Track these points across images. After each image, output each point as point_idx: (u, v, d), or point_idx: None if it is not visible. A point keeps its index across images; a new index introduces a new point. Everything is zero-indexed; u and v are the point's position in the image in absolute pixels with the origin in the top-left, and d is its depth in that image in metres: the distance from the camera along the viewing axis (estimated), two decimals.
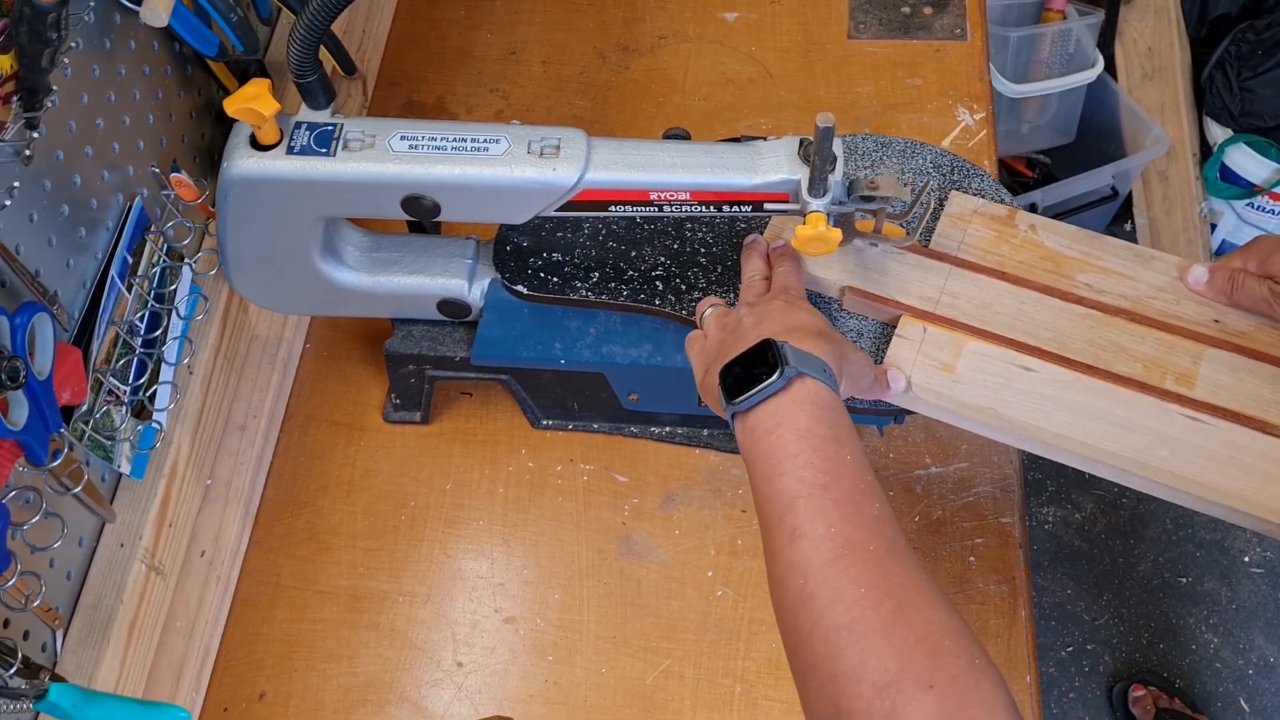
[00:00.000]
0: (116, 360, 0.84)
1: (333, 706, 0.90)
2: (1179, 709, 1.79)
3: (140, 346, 0.87)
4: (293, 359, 1.06)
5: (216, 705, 0.91)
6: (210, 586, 0.92)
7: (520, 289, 0.90)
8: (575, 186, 0.77)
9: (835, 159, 0.75)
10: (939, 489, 0.95)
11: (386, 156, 0.76)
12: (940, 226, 0.86)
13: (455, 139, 0.77)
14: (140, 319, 0.88)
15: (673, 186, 0.78)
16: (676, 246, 0.91)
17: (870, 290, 0.83)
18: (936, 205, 0.88)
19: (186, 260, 0.94)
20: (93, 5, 0.82)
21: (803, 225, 0.75)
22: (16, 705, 0.70)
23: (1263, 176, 1.97)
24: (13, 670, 0.69)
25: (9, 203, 0.73)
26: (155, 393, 0.90)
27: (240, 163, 0.76)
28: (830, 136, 0.71)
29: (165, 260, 0.91)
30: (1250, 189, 1.99)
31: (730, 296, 0.87)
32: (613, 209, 0.80)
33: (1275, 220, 2.02)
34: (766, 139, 0.79)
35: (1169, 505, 0.75)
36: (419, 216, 0.80)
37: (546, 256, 0.91)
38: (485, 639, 0.92)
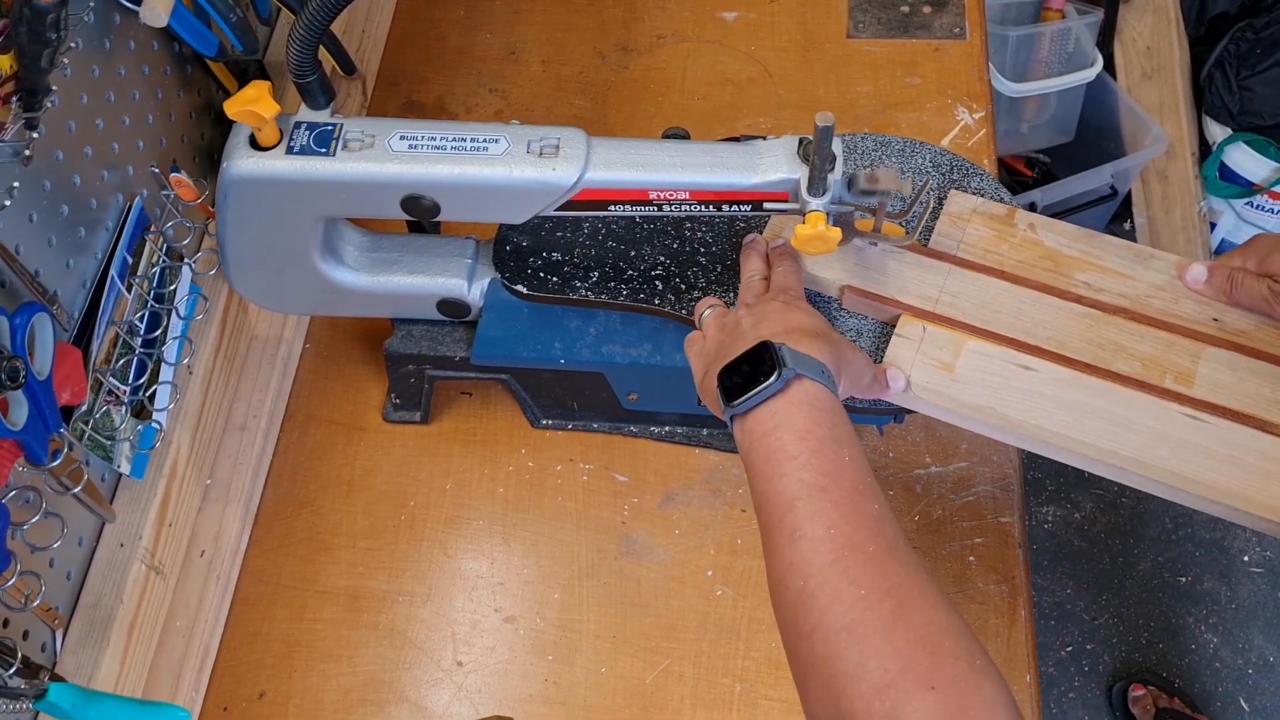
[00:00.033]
0: (116, 360, 0.85)
1: (332, 706, 0.90)
2: (1179, 709, 1.79)
3: (140, 346, 0.87)
4: (292, 359, 1.06)
5: (216, 705, 0.91)
6: (210, 586, 0.92)
7: (520, 289, 0.90)
8: (575, 186, 0.77)
9: (834, 158, 0.75)
10: (939, 488, 0.95)
11: (386, 156, 0.76)
12: (939, 225, 0.86)
13: (455, 139, 0.77)
14: (140, 319, 0.88)
15: (672, 186, 0.78)
16: (676, 246, 0.91)
17: (870, 289, 0.83)
18: (936, 204, 0.88)
19: (186, 260, 0.94)
20: (92, 5, 0.82)
21: (802, 224, 0.75)
22: (16, 705, 0.70)
23: (1262, 175, 1.97)
24: (12, 670, 0.69)
25: (9, 203, 0.73)
26: (155, 393, 0.90)
27: (240, 163, 0.76)
28: (829, 136, 0.71)
29: (165, 260, 0.91)
30: (1249, 188, 1.99)
31: (730, 296, 0.87)
32: (612, 209, 0.80)
33: (1274, 219, 2.02)
34: (766, 138, 0.79)
35: (1168, 504, 0.75)
36: (419, 216, 0.80)
37: (546, 256, 0.91)
38: (485, 638, 0.92)
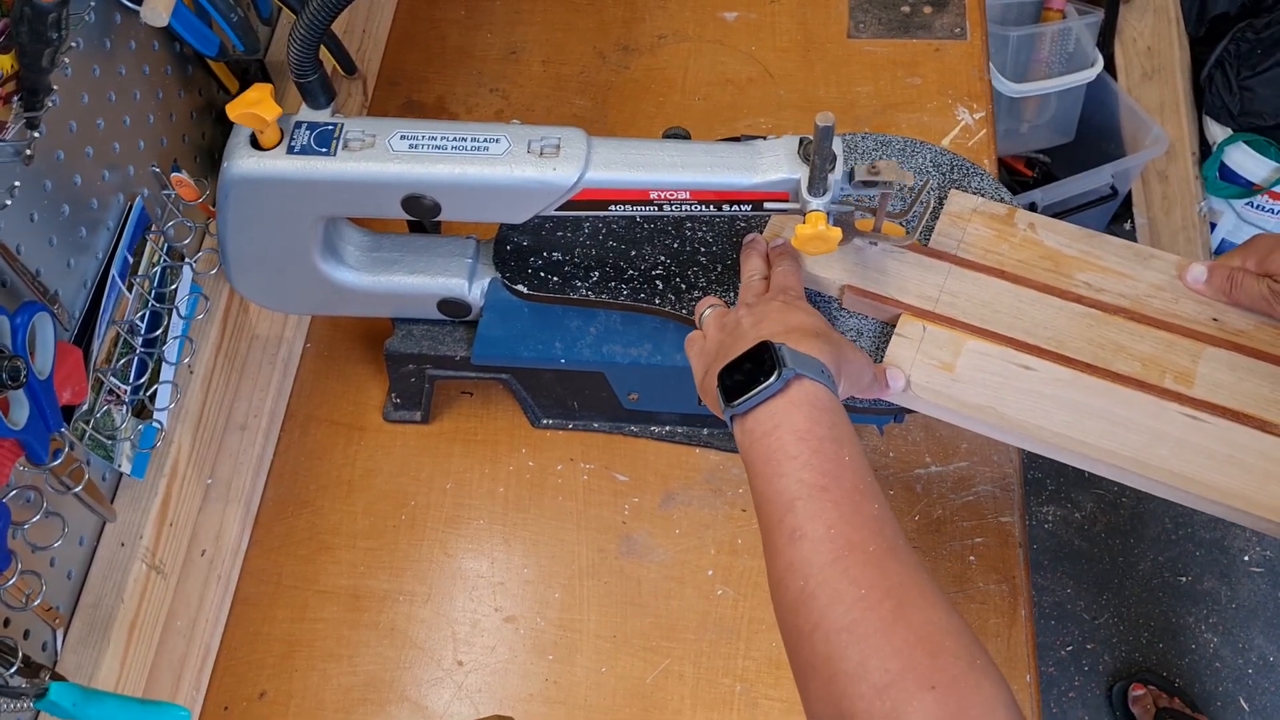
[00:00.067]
0: (117, 360, 0.85)
1: (333, 706, 0.90)
2: (1179, 708, 1.79)
3: (141, 346, 0.87)
4: (293, 359, 1.06)
5: (217, 704, 0.91)
6: (211, 586, 0.92)
7: (520, 288, 0.90)
8: (575, 186, 0.77)
9: (835, 158, 0.75)
10: (939, 488, 0.95)
11: (386, 156, 0.76)
12: (940, 225, 0.86)
13: (455, 138, 0.77)
14: (141, 318, 0.88)
15: (672, 186, 0.78)
16: (676, 246, 0.91)
17: (870, 289, 0.83)
18: (936, 204, 0.88)
19: (187, 260, 0.94)
20: (93, 5, 0.82)
21: (802, 224, 0.75)
22: (17, 704, 0.70)
23: (1262, 175, 1.97)
24: (13, 669, 0.69)
25: (10, 202, 0.73)
26: (156, 392, 0.90)
27: (240, 162, 0.76)
28: (830, 135, 0.71)
29: (166, 260, 0.91)
30: (1249, 188, 1.99)
31: (730, 296, 0.87)
32: (613, 208, 0.80)
33: (1275, 219, 2.02)
34: (766, 138, 0.79)
35: (1168, 504, 0.75)
36: (419, 216, 0.80)
37: (546, 256, 0.91)
38: (485, 638, 0.92)
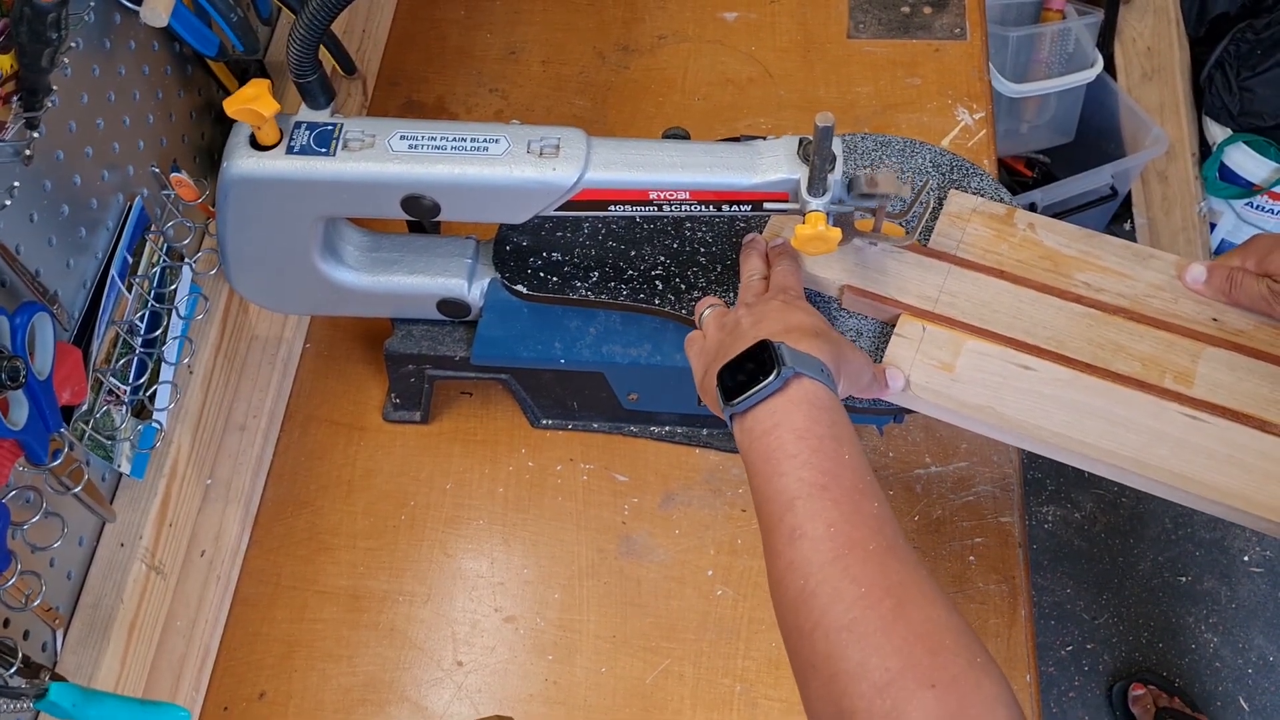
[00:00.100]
0: (117, 360, 0.85)
1: (333, 706, 0.90)
2: (1179, 708, 1.79)
3: (140, 346, 0.87)
4: (293, 359, 1.06)
5: (216, 705, 0.91)
6: (210, 586, 0.92)
7: (520, 289, 0.90)
8: (575, 186, 0.77)
9: (835, 158, 0.75)
10: (939, 488, 0.95)
11: (386, 156, 0.76)
12: (939, 225, 0.86)
13: (455, 139, 0.77)
14: (140, 319, 0.88)
15: (672, 186, 0.78)
16: (676, 246, 0.91)
17: (869, 289, 0.83)
18: (936, 204, 0.88)
19: (186, 260, 0.94)
20: (93, 5, 0.82)
21: (802, 224, 0.75)
22: (17, 704, 0.70)
23: (1262, 176, 1.97)
24: (13, 670, 0.69)
25: (9, 203, 0.73)
26: (155, 392, 0.90)
27: (240, 162, 0.76)
28: (830, 136, 0.71)
29: (165, 260, 0.91)
30: (1249, 188, 1.99)
31: (730, 296, 0.87)
32: (612, 209, 0.80)
33: (1274, 219, 2.03)
34: (766, 138, 0.79)
35: (1168, 504, 0.75)
36: (419, 216, 0.80)
37: (546, 256, 0.91)
38: (485, 638, 0.92)
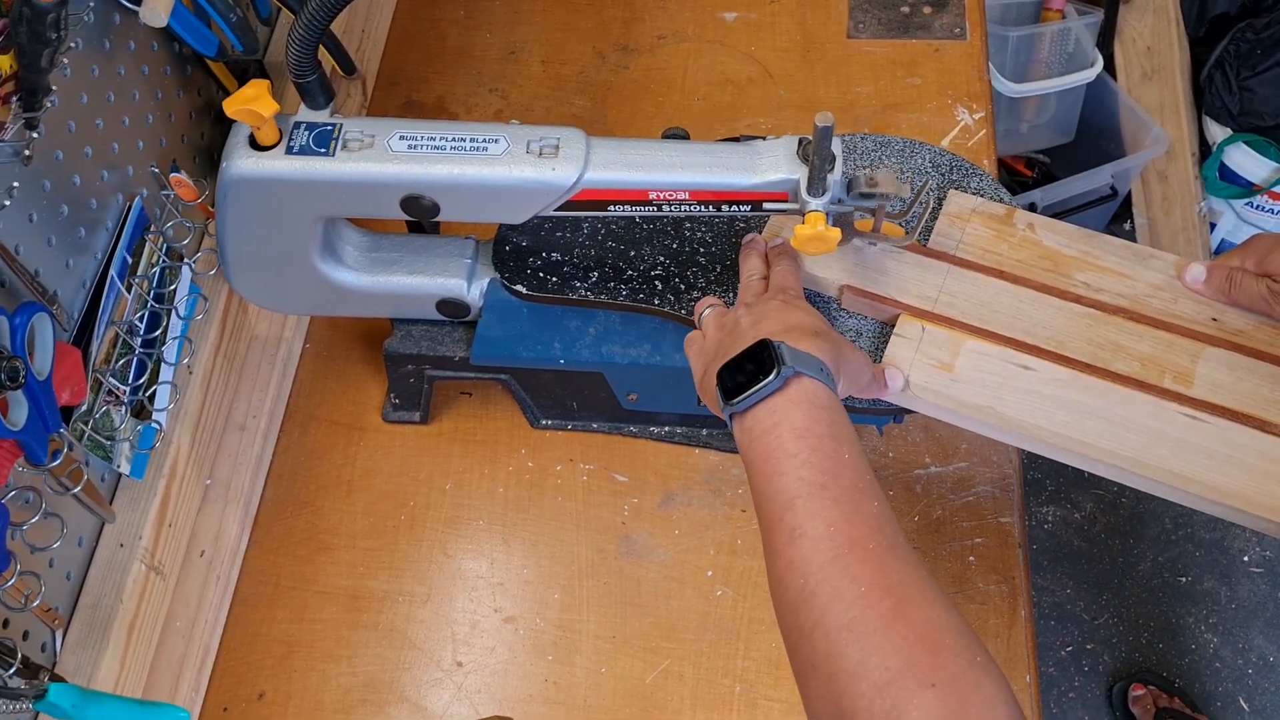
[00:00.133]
0: (116, 360, 0.85)
1: (332, 706, 0.90)
2: (1179, 708, 1.79)
3: (140, 346, 0.87)
4: (292, 359, 1.06)
5: (216, 705, 0.91)
6: (210, 586, 0.92)
7: (519, 289, 0.90)
8: (574, 186, 0.77)
9: (834, 158, 0.75)
10: (938, 488, 0.95)
11: (385, 156, 0.76)
12: (939, 225, 0.86)
13: (454, 139, 0.77)
14: (140, 319, 0.88)
15: (672, 186, 0.78)
16: (675, 246, 0.91)
17: (869, 289, 0.83)
18: (935, 204, 0.88)
19: (186, 260, 0.94)
20: (92, 5, 0.82)
21: (802, 224, 0.75)
22: (16, 705, 0.70)
23: (1262, 176, 1.97)
24: (12, 670, 0.69)
25: (8, 203, 0.73)
26: (155, 393, 0.90)
27: (239, 163, 0.76)
28: (829, 136, 0.71)
29: (165, 260, 0.91)
30: (1249, 188, 1.99)
31: (729, 296, 0.87)
32: (612, 209, 0.80)
33: (1274, 219, 2.02)
34: (765, 138, 0.79)
35: (1168, 505, 0.75)
36: (418, 216, 0.80)
37: (546, 256, 0.91)
38: (485, 639, 0.92)
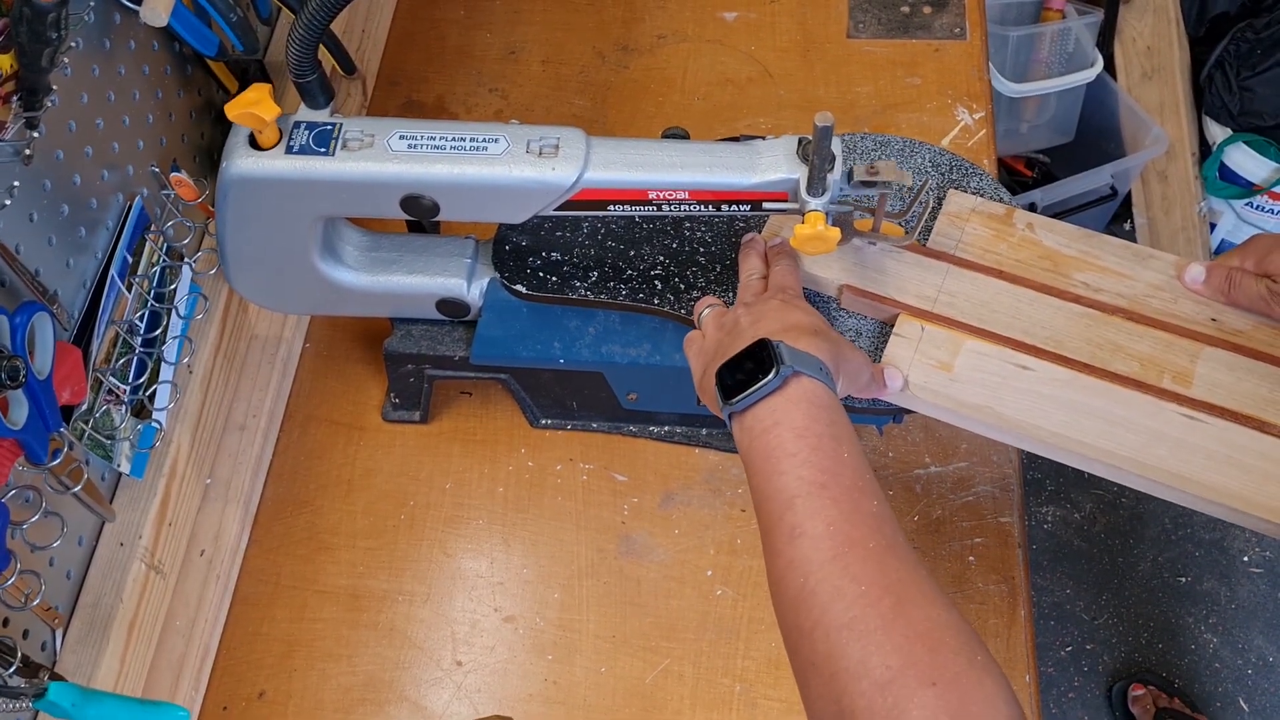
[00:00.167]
0: (116, 359, 0.85)
1: (332, 705, 0.90)
2: (1178, 708, 1.79)
3: (140, 346, 0.87)
4: (292, 358, 1.06)
5: (216, 704, 0.91)
6: (210, 586, 0.92)
7: (519, 288, 0.90)
8: (574, 186, 0.77)
9: (834, 158, 0.75)
10: (938, 488, 0.95)
11: (385, 156, 0.76)
12: (938, 225, 0.86)
13: (454, 138, 0.77)
14: (140, 318, 0.88)
15: (671, 186, 0.78)
16: (675, 246, 0.91)
17: (868, 289, 0.83)
18: (935, 204, 0.88)
19: (186, 260, 0.94)
20: (92, 5, 0.82)
21: (801, 224, 0.75)
22: (16, 704, 0.70)
23: (1262, 176, 1.97)
24: (12, 669, 0.69)
25: (9, 202, 0.73)
26: (155, 392, 0.90)
27: (239, 162, 0.76)
28: (829, 136, 0.71)
29: (165, 260, 0.91)
30: (1249, 188, 1.99)
31: (729, 295, 0.87)
32: (611, 208, 0.80)
33: (1274, 219, 2.03)
34: (765, 138, 0.79)
35: (1168, 505, 0.75)
36: (418, 216, 0.80)
37: (545, 256, 0.91)
38: (485, 638, 0.92)
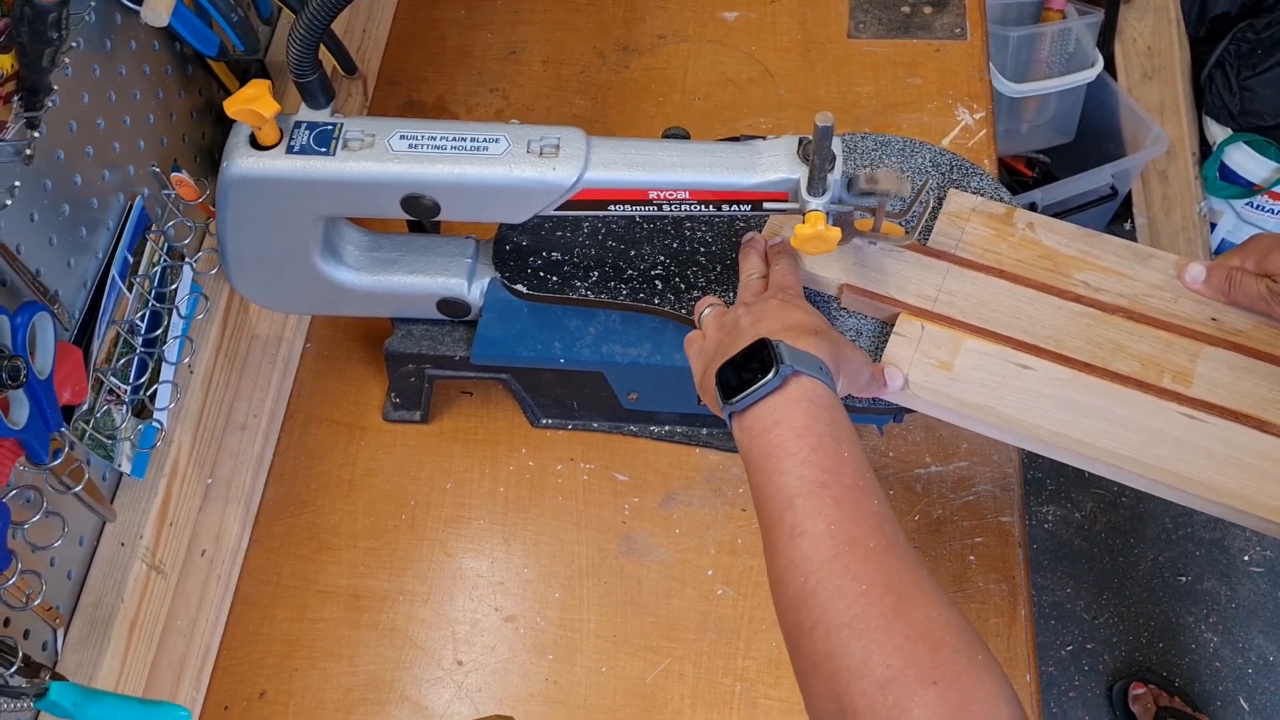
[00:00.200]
0: (117, 359, 0.85)
1: (333, 705, 0.90)
2: (1179, 707, 1.79)
3: (141, 346, 0.87)
4: (293, 358, 1.06)
5: (217, 704, 0.91)
6: (211, 585, 0.92)
7: (520, 288, 0.90)
8: (574, 186, 0.77)
9: (834, 158, 0.75)
10: (939, 488, 0.95)
11: (386, 156, 0.76)
12: (939, 225, 0.86)
13: (455, 138, 0.77)
14: (141, 318, 0.88)
15: (672, 186, 0.78)
16: (676, 245, 0.92)
17: (869, 288, 0.83)
18: (935, 204, 0.88)
19: (187, 259, 0.94)
20: (93, 5, 0.82)
21: (802, 224, 0.76)
22: (17, 704, 0.70)
23: (1262, 176, 1.97)
24: (13, 669, 0.70)
25: (10, 202, 0.73)
26: (156, 392, 0.90)
27: (240, 162, 0.76)
28: (829, 135, 0.71)
29: (166, 259, 0.91)
30: (1250, 188, 1.99)
31: (729, 295, 0.87)
32: (612, 208, 0.80)
33: (1275, 219, 2.02)
34: (766, 138, 0.80)
35: (1168, 504, 0.75)
36: (419, 216, 0.80)
37: (546, 256, 0.92)
38: (485, 638, 0.92)
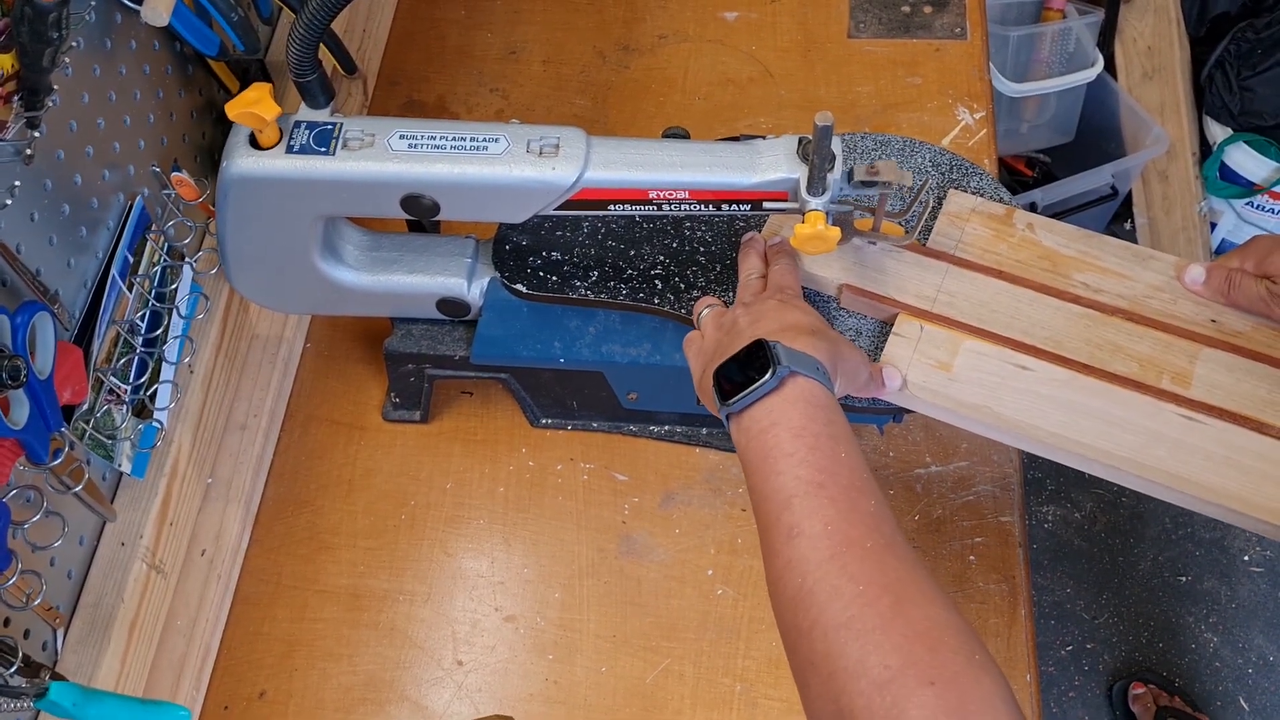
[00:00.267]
0: (117, 359, 0.85)
1: (333, 705, 0.90)
2: (1179, 707, 1.79)
3: (141, 345, 0.88)
4: (293, 358, 1.06)
5: (217, 704, 0.91)
6: (211, 585, 0.92)
7: (519, 288, 0.90)
8: (574, 185, 0.77)
9: (834, 158, 0.75)
10: (939, 488, 0.95)
11: (386, 155, 0.76)
12: (938, 225, 0.86)
13: (455, 138, 0.77)
14: (141, 318, 0.88)
15: (672, 185, 0.78)
16: (675, 245, 0.92)
17: (868, 288, 0.83)
18: (935, 204, 0.88)
19: (187, 259, 0.94)
20: (94, 5, 0.82)
21: (801, 224, 0.76)
22: (17, 704, 0.70)
23: (1262, 175, 1.97)
24: (13, 669, 0.70)
25: (10, 202, 0.73)
26: (156, 392, 0.90)
27: (240, 162, 0.76)
28: (829, 135, 0.71)
29: (166, 259, 0.92)
30: (1250, 188, 1.99)
31: (729, 295, 0.87)
32: (612, 208, 0.80)
33: (1275, 219, 2.02)
34: (765, 138, 0.80)
35: (1168, 504, 0.75)
36: (418, 215, 0.80)
37: (546, 255, 0.92)
38: (485, 638, 0.92)
